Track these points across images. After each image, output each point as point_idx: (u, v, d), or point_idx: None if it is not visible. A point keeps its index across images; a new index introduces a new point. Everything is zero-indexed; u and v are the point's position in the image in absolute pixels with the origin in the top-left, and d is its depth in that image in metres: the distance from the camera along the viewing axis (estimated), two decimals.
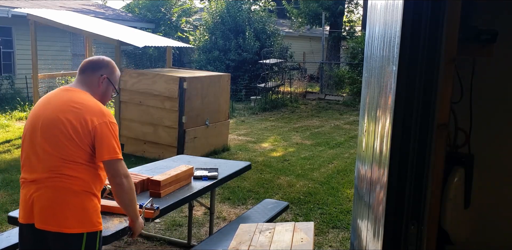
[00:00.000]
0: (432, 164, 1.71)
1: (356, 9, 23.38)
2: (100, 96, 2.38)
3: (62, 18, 8.42)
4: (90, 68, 2.37)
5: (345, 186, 5.99)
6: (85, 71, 2.37)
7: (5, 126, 9.21)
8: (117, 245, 4.05)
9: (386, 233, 1.80)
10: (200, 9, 19.84)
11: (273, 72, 15.09)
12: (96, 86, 2.36)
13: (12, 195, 5.23)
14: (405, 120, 1.72)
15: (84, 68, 2.38)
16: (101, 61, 2.41)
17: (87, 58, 2.45)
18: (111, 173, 2.22)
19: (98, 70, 2.37)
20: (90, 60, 2.41)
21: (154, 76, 7.03)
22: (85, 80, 2.36)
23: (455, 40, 1.67)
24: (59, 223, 2.15)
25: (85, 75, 2.37)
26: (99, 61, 2.40)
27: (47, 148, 2.18)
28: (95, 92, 2.35)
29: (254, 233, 2.84)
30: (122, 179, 2.23)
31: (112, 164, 2.21)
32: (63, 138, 2.15)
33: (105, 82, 2.38)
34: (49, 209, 2.16)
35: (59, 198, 2.16)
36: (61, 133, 2.16)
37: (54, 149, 2.16)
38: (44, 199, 2.17)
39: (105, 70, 2.39)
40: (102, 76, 2.37)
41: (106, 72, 2.38)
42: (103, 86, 2.38)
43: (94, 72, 2.36)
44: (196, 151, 6.98)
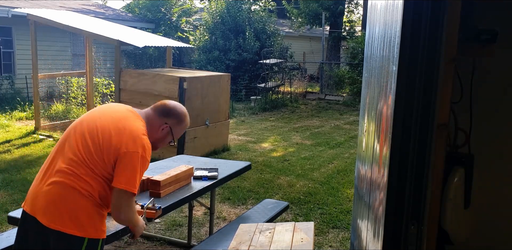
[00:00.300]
0: (432, 164, 1.71)
1: (356, 9, 23.42)
2: (154, 140, 2.32)
3: (62, 18, 8.42)
4: (161, 111, 2.34)
5: (345, 186, 5.99)
6: (156, 111, 2.34)
7: (5, 126, 9.21)
8: (117, 245, 4.05)
9: (386, 233, 1.79)
10: (200, 9, 19.84)
11: (273, 72, 15.09)
12: (155, 131, 2.32)
13: (12, 195, 5.23)
14: (405, 120, 1.72)
15: (157, 108, 2.35)
16: (174, 109, 2.36)
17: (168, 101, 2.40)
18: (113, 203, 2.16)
19: (165, 117, 2.33)
20: (166, 104, 2.37)
21: (154, 76, 7.03)
22: (151, 120, 2.32)
23: (455, 40, 1.67)
24: (63, 222, 2.12)
25: (153, 114, 2.33)
26: (172, 108, 2.36)
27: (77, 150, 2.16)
28: (152, 134, 2.30)
29: (254, 233, 2.84)
30: (120, 215, 2.18)
31: (123, 194, 2.13)
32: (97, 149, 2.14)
33: (166, 131, 2.34)
34: (55, 206, 2.13)
35: (66, 197, 2.13)
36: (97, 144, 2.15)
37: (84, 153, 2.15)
38: (53, 195, 2.14)
39: (172, 120, 2.34)
40: (166, 124, 2.33)
41: (172, 123, 2.34)
42: (161, 134, 2.34)
43: (161, 118, 2.32)
44: (196, 151, 6.98)
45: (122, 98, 7.31)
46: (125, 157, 2.12)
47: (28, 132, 8.71)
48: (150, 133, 2.29)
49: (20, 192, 5.33)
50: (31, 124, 9.50)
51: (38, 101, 8.87)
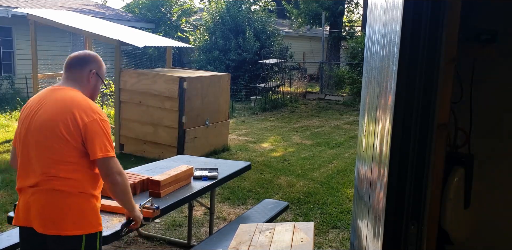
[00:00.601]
0: (432, 164, 1.71)
1: (356, 9, 23.40)
2: (90, 92, 2.35)
3: (62, 18, 8.42)
4: (78, 64, 2.33)
5: (345, 186, 5.99)
6: (73, 68, 2.33)
7: (5, 126, 9.21)
8: (117, 245, 4.05)
9: (386, 233, 1.79)
10: (200, 9, 19.84)
11: (273, 72, 15.09)
12: (86, 82, 2.33)
13: (12, 195, 5.23)
14: (405, 120, 1.72)
15: (72, 65, 2.33)
16: (88, 56, 2.37)
17: (72, 54, 2.39)
18: (104, 171, 2.18)
19: (87, 65, 2.33)
20: (76, 56, 2.35)
21: (154, 76, 7.03)
22: (74, 77, 2.32)
23: (455, 40, 1.67)
24: (57, 226, 2.13)
25: (73, 71, 2.32)
26: (86, 56, 2.36)
27: (40, 151, 2.16)
28: (85, 88, 2.32)
29: (254, 233, 2.84)
30: (116, 177, 2.19)
31: (104, 162, 2.16)
32: (56, 138, 2.13)
33: (95, 77, 2.35)
34: (45, 212, 2.14)
35: (55, 201, 2.14)
36: (53, 134, 2.13)
37: (48, 151, 2.14)
38: (40, 203, 2.15)
39: (94, 65, 2.35)
40: (92, 71, 2.33)
41: (95, 67, 2.35)
42: (92, 82, 2.35)
43: (83, 68, 2.32)
44: (196, 151, 6.98)
45: (122, 98, 7.31)
46: (87, 129, 2.14)
47: None
48: (82, 88, 2.31)
49: None
50: None
51: None
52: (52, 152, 2.14)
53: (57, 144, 2.13)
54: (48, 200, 2.14)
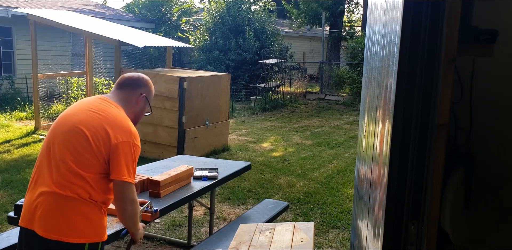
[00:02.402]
0: (432, 164, 1.71)
1: (356, 9, 23.38)
2: (135, 114, 2.35)
3: (62, 18, 8.42)
4: (130, 85, 2.34)
5: (345, 186, 5.99)
6: (125, 88, 2.34)
7: (5, 126, 9.21)
8: (117, 245, 4.05)
9: (386, 233, 1.80)
10: (200, 9, 19.84)
11: (273, 72, 15.09)
12: (134, 104, 2.34)
13: (12, 195, 5.23)
14: (405, 120, 1.72)
15: (124, 84, 2.35)
16: (141, 79, 2.38)
17: (126, 74, 2.41)
18: (119, 195, 2.16)
19: (139, 88, 2.35)
20: (130, 77, 2.37)
21: (154, 76, 7.03)
22: (124, 97, 2.32)
23: (455, 40, 1.67)
24: (60, 231, 2.09)
25: (124, 91, 2.33)
26: (139, 78, 2.38)
27: (64, 153, 2.13)
28: (131, 110, 2.32)
29: (254, 233, 2.84)
30: (127, 204, 2.18)
31: (123, 186, 2.14)
32: (84, 144, 2.11)
33: (143, 101, 2.36)
34: (51, 216, 2.10)
35: (63, 206, 2.10)
36: (83, 139, 2.11)
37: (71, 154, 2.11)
38: (47, 205, 2.11)
39: (145, 89, 2.37)
40: (142, 95, 2.35)
41: (146, 91, 2.37)
42: (140, 105, 2.36)
43: (134, 90, 2.33)
44: (196, 151, 6.98)
45: None
46: (117, 148, 2.12)
47: (28, 132, 8.71)
48: (128, 109, 2.30)
49: (20, 192, 5.33)
50: (31, 124, 9.50)
51: (38, 101, 8.87)
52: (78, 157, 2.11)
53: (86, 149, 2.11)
54: (57, 204, 2.11)
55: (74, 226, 2.11)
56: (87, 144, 2.11)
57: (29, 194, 2.20)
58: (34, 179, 2.20)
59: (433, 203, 1.74)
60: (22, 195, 5.19)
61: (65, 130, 2.17)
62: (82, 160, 2.11)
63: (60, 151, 2.14)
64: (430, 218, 1.74)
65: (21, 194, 5.22)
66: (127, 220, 2.27)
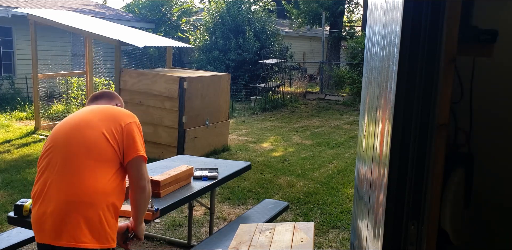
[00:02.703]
0: (432, 164, 1.71)
1: (356, 9, 23.37)
2: None
3: (62, 18, 8.42)
4: (105, 97, 2.54)
5: (345, 186, 5.99)
6: (101, 99, 2.52)
7: (5, 126, 9.21)
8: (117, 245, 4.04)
9: (386, 233, 1.80)
10: (200, 9, 19.84)
11: (273, 72, 15.09)
12: None
13: (12, 195, 5.23)
14: (405, 120, 1.72)
15: (99, 97, 2.54)
16: (113, 93, 2.61)
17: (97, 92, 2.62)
18: (136, 174, 2.23)
19: (113, 100, 2.56)
20: (102, 92, 2.59)
21: (154, 76, 7.03)
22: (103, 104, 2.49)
23: (455, 40, 1.67)
24: (75, 237, 2.06)
25: (102, 101, 2.51)
26: (111, 92, 2.61)
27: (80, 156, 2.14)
28: None
29: (254, 233, 2.84)
30: (145, 182, 2.25)
31: (139, 162, 2.25)
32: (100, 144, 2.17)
33: None
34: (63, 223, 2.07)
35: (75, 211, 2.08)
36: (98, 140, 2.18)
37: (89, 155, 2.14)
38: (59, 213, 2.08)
39: (118, 101, 2.59)
40: (117, 105, 2.54)
41: (120, 103, 2.59)
42: None
43: (111, 101, 2.53)
44: (196, 151, 6.98)
45: (122, 98, 7.29)
46: (128, 129, 2.27)
47: (28, 132, 8.71)
48: None
49: (20, 192, 5.33)
50: (31, 124, 9.50)
51: (38, 101, 8.88)
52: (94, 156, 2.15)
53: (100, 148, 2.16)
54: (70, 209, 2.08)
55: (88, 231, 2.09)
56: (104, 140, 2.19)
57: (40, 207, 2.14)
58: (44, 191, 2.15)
59: (433, 203, 1.74)
60: (22, 195, 5.20)
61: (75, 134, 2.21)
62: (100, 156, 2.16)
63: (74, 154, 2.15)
64: (430, 218, 1.74)
65: (21, 194, 5.22)
66: (142, 203, 2.30)
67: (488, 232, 2.60)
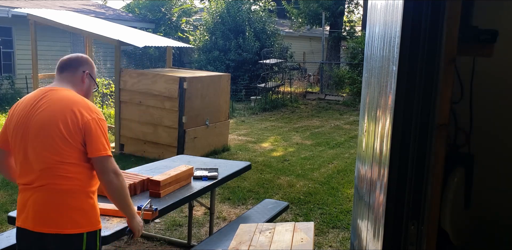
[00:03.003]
0: (432, 164, 1.71)
1: (356, 9, 23.36)
2: (85, 92, 2.39)
3: (62, 18, 8.42)
4: (71, 66, 2.38)
5: (345, 186, 5.99)
6: (66, 69, 2.37)
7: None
8: (117, 245, 4.05)
9: (386, 233, 1.80)
10: (200, 9, 19.84)
11: (273, 72, 15.09)
12: (81, 83, 2.38)
13: (12, 195, 5.23)
14: (405, 120, 1.72)
15: (64, 66, 2.38)
16: (80, 58, 2.43)
17: (65, 56, 2.45)
18: (100, 169, 2.19)
19: (80, 67, 2.39)
20: (69, 58, 2.41)
21: (154, 76, 7.03)
22: (68, 79, 2.35)
23: (455, 40, 1.67)
24: (58, 224, 2.13)
25: (67, 73, 2.37)
26: (78, 58, 2.42)
27: (40, 151, 2.15)
28: (79, 89, 2.36)
29: (254, 233, 2.84)
30: (110, 176, 2.18)
31: (102, 161, 2.18)
32: (56, 138, 2.14)
33: (88, 78, 2.41)
34: (45, 211, 2.14)
35: (54, 200, 2.14)
36: (54, 134, 2.14)
37: (48, 150, 2.14)
38: (40, 202, 2.15)
39: (86, 66, 2.41)
40: (85, 72, 2.39)
41: (88, 69, 2.41)
42: (86, 82, 2.40)
43: (77, 70, 2.37)
44: (196, 151, 6.98)
45: (122, 98, 7.30)
46: (86, 128, 2.17)
47: None
48: (76, 89, 2.35)
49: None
50: None
51: None
52: (55, 151, 2.14)
53: (57, 144, 2.14)
54: (48, 199, 2.14)
55: (69, 217, 2.14)
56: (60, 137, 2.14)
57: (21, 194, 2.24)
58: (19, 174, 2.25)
59: (433, 203, 1.74)
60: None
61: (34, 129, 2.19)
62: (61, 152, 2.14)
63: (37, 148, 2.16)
64: (430, 218, 1.74)
65: None
66: (116, 195, 2.25)
67: (488, 232, 2.60)
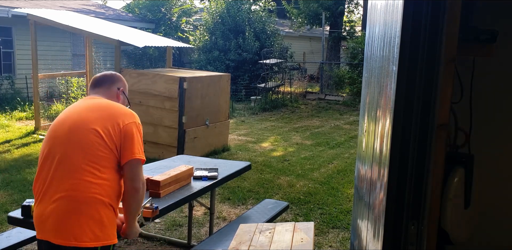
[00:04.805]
0: (432, 164, 1.71)
1: (356, 9, 23.38)
2: None
3: (62, 18, 8.42)
4: (107, 81, 2.48)
5: (345, 186, 5.99)
6: (103, 85, 2.47)
7: (5, 126, 9.21)
8: (117, 245, 4.03)
9: (386, 233, 1.79)
10: (200, 9, 19.84)
11: (273, 72, 15.09)
12: (115, 98, 2.47)
13: (12, 195, 5.23)
14: (405, 120, 1.72)
15: (100, 82, 2.47)
16: (115, 75, 2.54)
17: (98, 74, 2.55)
18: (131, 176, 2.21)
19: (115, 83, 2.49)
20: (104, 75, 2.51)
21: (154, 76, 7.03)
22: (105, 92, 2.44)
23: (455, 40, 1.67)
24: (76, 236, 2.08)
25: (103, 88, 2.46)
26: (113, 75, 2.53)
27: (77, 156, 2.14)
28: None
29: (254, 233, 2.84)
30: (139, 184, 2.22)
31: (134, 165, 2.21)
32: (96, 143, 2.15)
33: (122, 95, 2.51)
34: (64, 222, 2.10)
35: (75, 209, 2.10)
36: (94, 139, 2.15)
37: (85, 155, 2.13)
38: (60, 212, 2.10)
39: (120, 84, 2.53)
40: (120, 89, 2.50)
41: (122, 86, 2.52)
42: (122, 99, 2.50)
43: (112, 86, 2.48)
44: (196, 151, 6.98)
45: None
46: (127, 130, 2.24)
47: (28, 132, 8.71)
48: None
49: (20, 192, 5.33)
50: (31, 124, 9.50)
51: (38, 101, 8.88)
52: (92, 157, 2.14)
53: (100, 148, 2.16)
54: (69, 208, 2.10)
55: (88, 229, 2.11)
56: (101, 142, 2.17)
57: (40, 206, 2.17)
58: (43, 190, 2.18)
59: (433, 203, 1.74)
60: (22, 195, 5.20)
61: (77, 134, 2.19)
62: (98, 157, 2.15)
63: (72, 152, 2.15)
64: (430, 218, 1.74)
65: (21, 194, 5.22)
66: (135, 204, 2.28)
67: (488, 232, 2.60)
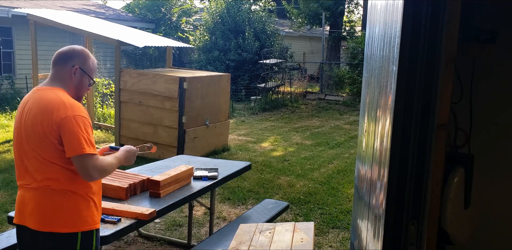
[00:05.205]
0: (432, 164, 1.71)
1: (356, 9, 23.39)
2: (75, 89, 2.26)
3: (62, 18, 8.42)
4: (60, 60, 2.25)
5: (345, 186, 5.99)
6: (55, 65, 2.25)
7: (5, 126, 9.21)
8: (117, 245, 4.05)
9: (386, 233, 1.79)
10: (200, 9, 19.84)
11: (273, 72, 15.09)
12: (69, 79, 2.24)
13: (12, 195, 5.23)
14: (405, 120, 1.72)
15: (55, 61, 2.26)
16: (72, 51, 2.28)
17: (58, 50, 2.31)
18: (79, 170, 2.11)
19: (69, 61, 2.24)
20: (60, 52, 2.28)
21: (154, 76, 7.03)
22: (57, 74, 2.24)
23: (455, 40, 1.67)
24: (52, 223, 2.14)
25: (57, 68, 2.25)
26: (69, 51, 2.27)
27: (30, 153, 2.17)
28: (68, 85, 2.24)
29: (254, 233, 2.84)
30: (92, 176, 2.12)
31: (78, 160, 2.09)
32: (40, 140, 2.13)
33: (78, 73, 2.25)
34: (39, 210, 2.15)
35: (47, 200, 2.15)
36: (38, 136, 2.13)
37: (36, 152, 2.15)
38: (34, 201, 2.17)
39: (77, 60, 2.25)
40: (74, 67, 2.23)
41: (78, 62, 2.25)
42: (76, 78, 2.25)
43: (65, 64, 2.23)
44: (196, 151, 6.98)
45: (122, 98, 7.31)
46: (62, 126, 2.08)
47: None
48: (66, 86, 2.23)
49: None
50: None
51: None
52: (41, 152, 2.14)
53: (41, 145, 2.14)
54: (42, 198, 2.16)
55: (62, 217, 2.15)
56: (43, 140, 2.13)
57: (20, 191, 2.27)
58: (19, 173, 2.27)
59: (433, 203, 1.74)
60: None
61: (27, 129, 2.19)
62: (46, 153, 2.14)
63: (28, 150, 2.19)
64: (430, 218, 1.74)
65: None
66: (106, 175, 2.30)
67: (488, 232, 2.59)
